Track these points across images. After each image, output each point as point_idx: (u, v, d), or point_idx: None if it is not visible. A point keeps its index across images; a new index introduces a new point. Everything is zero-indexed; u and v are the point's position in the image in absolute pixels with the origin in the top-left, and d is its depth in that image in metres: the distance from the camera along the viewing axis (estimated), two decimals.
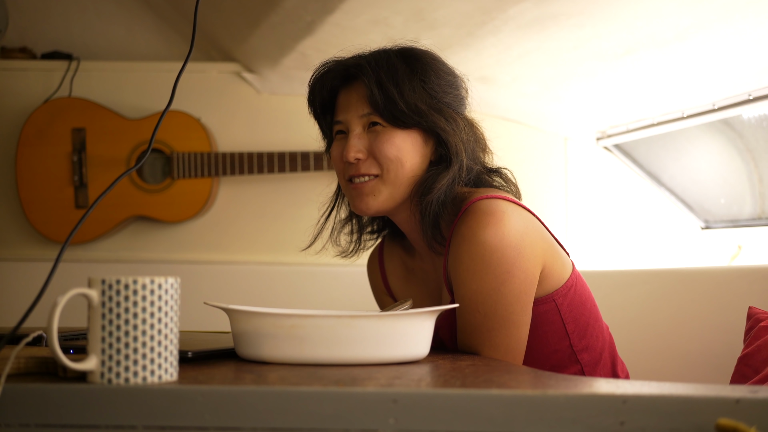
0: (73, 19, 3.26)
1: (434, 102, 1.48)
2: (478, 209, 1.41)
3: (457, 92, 1.53)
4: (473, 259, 1.39)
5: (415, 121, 1.46)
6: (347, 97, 1.51)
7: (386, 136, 1.47)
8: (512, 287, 1.39)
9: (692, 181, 2.99)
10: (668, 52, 2.28)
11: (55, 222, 3.01)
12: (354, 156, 1.47)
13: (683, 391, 0.91)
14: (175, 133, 2.99)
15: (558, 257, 1.49)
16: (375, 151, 1.47)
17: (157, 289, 0.95)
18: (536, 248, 1.43)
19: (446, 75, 1.52)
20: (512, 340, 1.41)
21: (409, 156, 1.48)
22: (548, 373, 1.13)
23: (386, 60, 1.49)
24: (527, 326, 1.44)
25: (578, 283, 1.53)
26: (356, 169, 1.48)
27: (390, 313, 1.19)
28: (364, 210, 1.50)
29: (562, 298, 1.48)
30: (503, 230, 1.39)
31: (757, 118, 2.57)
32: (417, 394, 0.89)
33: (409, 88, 1.46)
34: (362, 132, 1.49)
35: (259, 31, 2.65)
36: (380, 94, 1.45)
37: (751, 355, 1.64)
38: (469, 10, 2.20)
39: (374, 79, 1.46)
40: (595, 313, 1.56)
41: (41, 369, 1.03)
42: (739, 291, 2.00)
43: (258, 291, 2.98)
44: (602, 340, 1.55)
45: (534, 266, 1.42)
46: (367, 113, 1.48)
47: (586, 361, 1.51)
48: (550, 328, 1.48)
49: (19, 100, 3.10)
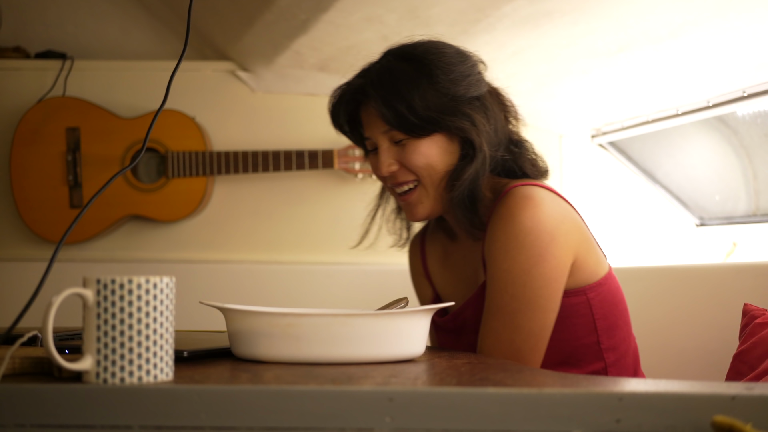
0: (66, 18, 3.25)
1: (447, 100, 1.48)
2: (517, 193, 1.45)
3: (470, 77, 1.52)
4: (508, 238, 1.42)
5: (432, 128, 1.48)
6: (367, 115, 1.55)
7: (411, 147, 1.50)
8: (543, 271, 1.41)
9: (687, 178, 3.00)
10: (662, 49, 2.28)
11: (49, 222, 3.00)
12: (387, 171, 1.53)
13: (679, 388, 0.91)
14: (169, 132, 2.98)
15: (593, 252, 1.51)
16: (405, 163, 1.52)
17: (152, 289, 0.95)
18: (570, 238, 1.45)
19: (454, 66, 1.50)
20: (535, 324, 1.42)
21: (439, 159, 1.51)
22: (544, 370, 1.13)
23: (389, 73, 1.50)
24: (554, 314, 1.44)
25: (612, 283, 1.54)
26: (395, 180, 1.54)
27: (385, 312, 1.19)
28: (416, 219, 1.58)
29: (594, 293, 1.49)
30: (539, 214, 1.42)
31: (751, 115, 2.58)
32: (413, 393, 0.89)
33: (418, 96, 1.47)
34: (390, 145, 1.53)
35: (254, 29, 2.65)
36: (390, 113, 1.48)
37: (747, 351, 1.64)
38: (463, 7, 2.20)
39: (380, 99, 1.48)
40: (626, 318, 1.56)
41: (36, 369, 1.03)
42: (734, 288, 2.00)
43: (253, 290, 2.98)
44: (628, 345, 1.56)
45: (566, 255, 1.44)
46: (386, 130, 1.51)
47: (611, 360, 1.51)
48: (580, 321, 1.49)
49: (13, 99, 3.09)
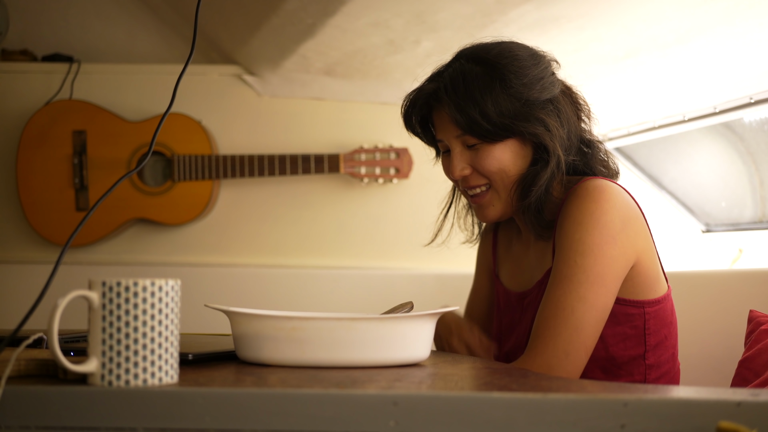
0: (73, 21, 3.26)
1: (521, 105, 1.48)
2: (593, 182, 1.46)
3: (543, 80, 1.51)
4: (583, 213, 1.43)
5: (506, 134, 1.49)
6: (440, 118, 1.56)
7: (485, 153, 1.51)
8: (613, 252, 1.42)
9: (693, 185, 2.99)
10: (669, 55, 2.28)
11: (55, 224, 3.01)
12: (459, 174, 1.54)
13: (684, 394, 0.90)
14: (175, 136, 2.99)
15: (654, 266, 1.51)
16: (478, 167, 1.52)
17: (157, 292, 0.95)
18: (638, 238, 1.46)
19: (528, 70, 1.50)
20: (599, 300, 1.41)
21: (511, 163, 1.52)
22: (548, 375, 1.13)
23: (462, 77, 1.49)
24: (614, 298, 1.44)
25: (669, 304, 1.55)
26: (466, 183, 1.55)
27: (390, 316, 1.19)
28: (487, 220, 1.59)
29: (652, 309, 1.49)
30: (614, 202, 1.43)
31: (758, 122, 2.57)
32: (417, 397, 0.89)
33: (491, 101, 1.47)
34: (463, 149, 1.54)
35: (260, 33, 2.65)
36: (463, 119, 1.48)
37: (752, 358, 1.63)
38: (470, 12, 2.20)
39: (454, 105, 1.49)
40: (674, 340, 1.56)
41: (42, 371, 1.03)
42: (740, 294, 2.00)
43: (258, 293, 2.98)
44: (671, 366, 1.55)
45: (632, 250, 1.45)
46: (459, 134, 1.52)
47: (652, 377, 1.51)
48: (632, 332, 1.49)
49: (20, 102, 3.10)
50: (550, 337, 1.40)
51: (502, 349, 1.63)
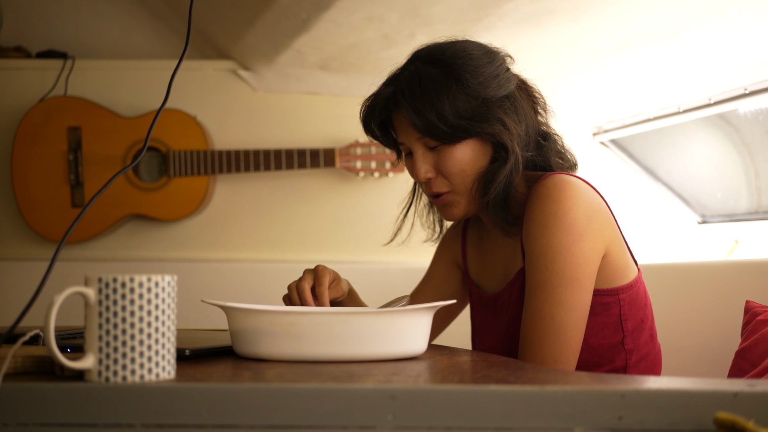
0: (67, 17, 3.25)
1: (478, 104, 1.48)
2: (555, 178, 1.47)
3: (499, 77, 1.51)
4: (546, 215, 1.43)
5: (464, 135, 1.49)
6: (399, 121, 1.56)
7: (446, 154, 1.51)
8: (582, 249, 1.42)
9: (689, 176, 3.00)
10: (664, 47, 2.28)
11: (51, 221, 3.00)
12: (424, 176, 1.54)
13: (681, 385, 0.91)
14: (171, 131, 2.98)
15: (623, 253, 1.52)
16: (440, 168, 1.52)
17: (154, 287, 0.95)
18: (604, 229, 1.46)
19: (483, 68, 1.50)
20: (576, 300, 1.42)
21: (472, 163, 1.52)
22: (545, 368, 1.13)
23: (418, 79, 1.49)
24: (590, 294, 1.45)
25: (641, 287, 1.55)
26: (429, 189, 1.56)
27: (387, 310, 1.19)
28: (453, 218, 1.59)
29: (626, 295, 1.50)
30: (576, 198, 1.43)
31: (753, 113, 2.58)
32: (415, 390, 0.89)
33: (448, 103, 1.47)
34: (425, 151, 1.54)
35: (254, 28, 2.65)
36: (421, 122, 1.48)
37: (749, 348, 1.64)
38: (464, 6, 2.20)
39: (411, 108, 1.49)
40: (651, 322, 1.57)
41: (38, 368, 1.03)
42: (736, 285, 2.00)
43: (255, 288, 2.98)
44: (650, 349, 1.56)
45: (600, 243, 1.45)
46: (419, 137, 1.52)
47: (633, 361, 1.52)
48: (608, 320, 1.50)
49: (15, 99, 3.10)
50: (537, 348, 1.42)
51: (479, 349, 1.64)
